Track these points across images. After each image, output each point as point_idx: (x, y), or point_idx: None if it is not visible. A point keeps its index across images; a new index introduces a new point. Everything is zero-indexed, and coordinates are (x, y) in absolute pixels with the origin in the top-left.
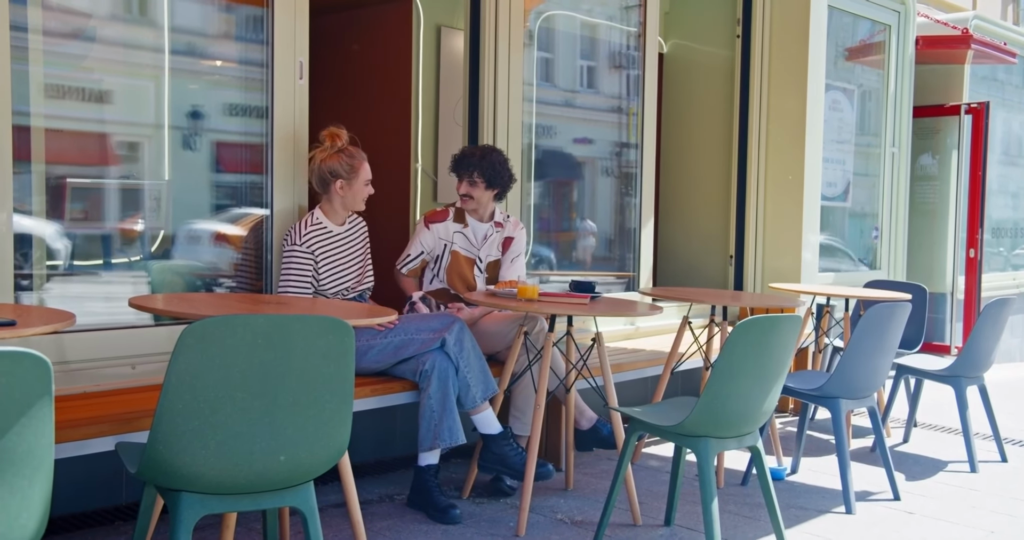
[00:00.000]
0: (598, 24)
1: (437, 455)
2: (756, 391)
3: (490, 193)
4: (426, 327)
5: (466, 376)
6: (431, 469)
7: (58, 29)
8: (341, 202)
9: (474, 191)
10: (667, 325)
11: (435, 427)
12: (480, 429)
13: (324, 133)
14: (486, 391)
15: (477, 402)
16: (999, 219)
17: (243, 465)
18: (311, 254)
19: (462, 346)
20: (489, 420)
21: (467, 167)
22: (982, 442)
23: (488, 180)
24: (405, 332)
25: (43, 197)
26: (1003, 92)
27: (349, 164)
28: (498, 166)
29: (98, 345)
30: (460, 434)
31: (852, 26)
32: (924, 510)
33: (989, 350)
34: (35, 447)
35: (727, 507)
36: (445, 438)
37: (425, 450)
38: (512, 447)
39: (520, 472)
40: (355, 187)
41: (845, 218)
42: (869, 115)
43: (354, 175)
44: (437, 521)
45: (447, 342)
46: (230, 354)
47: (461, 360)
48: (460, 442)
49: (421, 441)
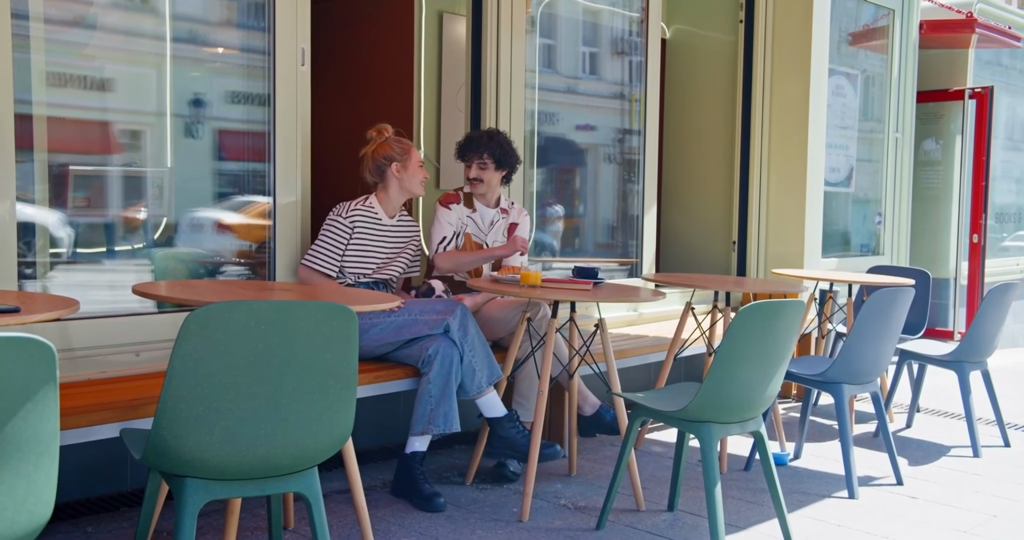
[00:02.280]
0: (600, 10)
1: (427, 442)
2: (759, 377)
3: (499, 174)
4: (430, 309)
5: (471, 362)
6: (417, 456)
7: (59, 17)
8: (399, 187)
9: (484, 173)
10: (670, 311)
11: (431, 412)
12: (485, 413)
13: (371, 131)
14: (491, 376)
15: (483, 387)
16: (1003, 204)
17: (247, 451)
18: (350, 229)
19: (466, 331)
20: (494, 403)
21: (476, 148)
22: (985, 427)
23: (498, 161)
24: (408, 313)
25: (46, 185)
26: (1007, 77)
27: (400, 147)
28: (506, 146)
29: (102, 332)
30: (455, 422)
31: (855, 10)
32: (927, 495)
33: (992, 335)
34: (40, 433)
35: (730, 492)
36: (440, 424)
37: (416, 434)
38: (518, 429)
39: (527, 453)
40: (410, 168)
41: (848, 204)
42: (872, 100)
43: (407, 157)
44: (421, 509)
45: (451, 327)
46: (233, 340)
47: (466, 345)
48: (454, 430)
49: (413, 424)
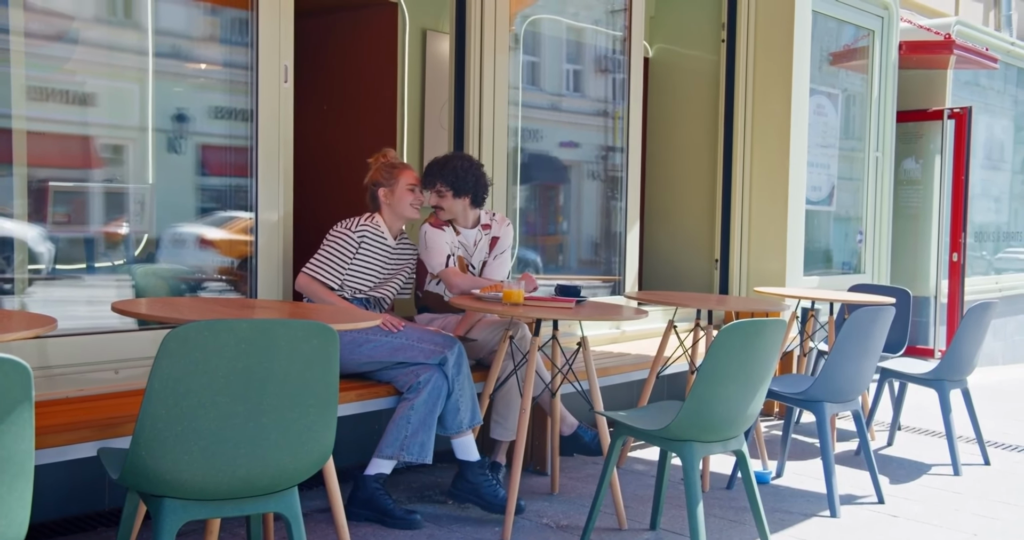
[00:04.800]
0: (584, 28)
1: (391, 466)
2: (741, 395)
3: (462, 201)
4: (429, 339)
5: (458, 400)
6: (380, 478)
7: (41, 31)
8: (391, 211)
9: (443, 202)
10: (653, 329)
11: (405, 438)
12: (459, 455)
13: (370, 159)
14: (472, 420)
15: (463, 427)
16: (982, 223)
17: (226, 471)
18: (357, 244)
19: (460, 369)
20: (469, 446)
21: (430, 178)
22: (965, 445)
23: (454, 188)
24: (407, 337)
25: (25, 200)
26: (985, 97)
27: (389, 172)
28: (461, 172)
29: (81, 350)
30: (430, 454)
31: (836, 31)
32: (908, 513)
33: (972, 353)
34: (15, 453)
35: (712, 511)
36: (414, 452)
37: (384, 457)
38: (487, 478)
39: (490, 504)
40: (397, 192)
41: (830, 222)
42: (853, 119)
43: (394, 181)
44: (400, 528)
45: (448, 361)
46: (213, 359)
47: (456, 383)
48: (426, 461)
49: (383, 446)
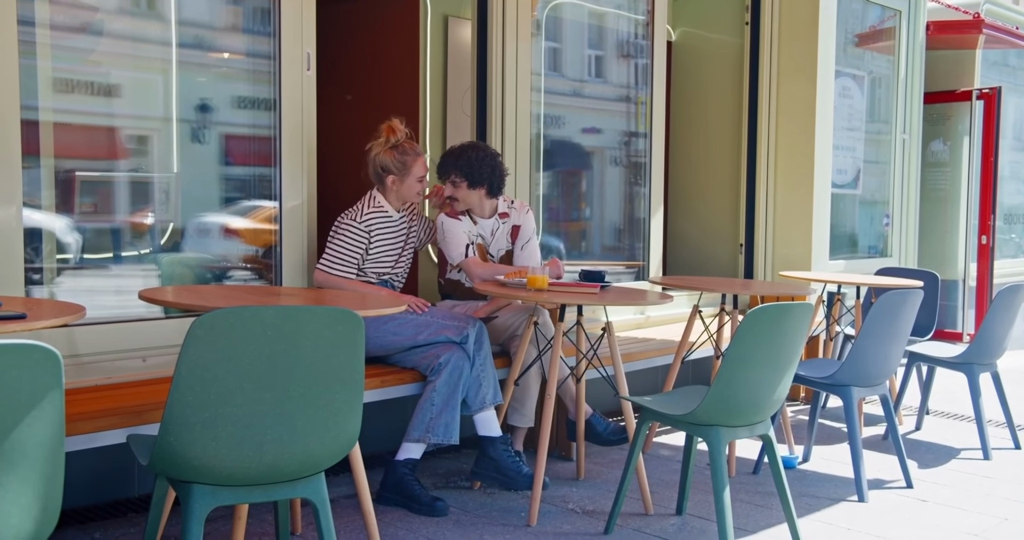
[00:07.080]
0: (606, 13)
1: (421, 450)
2: (767, 379)
3: (477, 191)
4: (452, 317)
5: (479, 375)
6: (410, 464)
7: (66, 23)
8: (396, 195)
9: (458, 192)
10: (677, 314)
11: (430, 420)
12: (480, 431)
13: (383, 126)
14: (495, 397)
15: (485, 403)
16: (1011, 205)
17: (254, 457)
18: (368, 235)
19: (481, 345)
20: (491, 422)
21: (444, 169)
22: (995, 429)
23: (469, 178)
24: (432, 314)
25: (52, 191)
26: (1015, 77)
27: (401, 161)
28: (475, 162)
29: (109, 338)
30: (455, 434)
31: (862, 12)
32: (937, 498)
33: (1002, 337)
34: (46, 440)
35: (739, 496)
36: (439, 434)
37: (412, 440)
38: (509, 454)
39: (512, 479)
40: (406, 183)
41: (856, 205)
42: (879, 102)
43: (406, 172)
44: (425, 515)
45: (469, 338)
46: (240, 345)
47: (478, 358)
48: (452, 442)
49: (410, 430)
